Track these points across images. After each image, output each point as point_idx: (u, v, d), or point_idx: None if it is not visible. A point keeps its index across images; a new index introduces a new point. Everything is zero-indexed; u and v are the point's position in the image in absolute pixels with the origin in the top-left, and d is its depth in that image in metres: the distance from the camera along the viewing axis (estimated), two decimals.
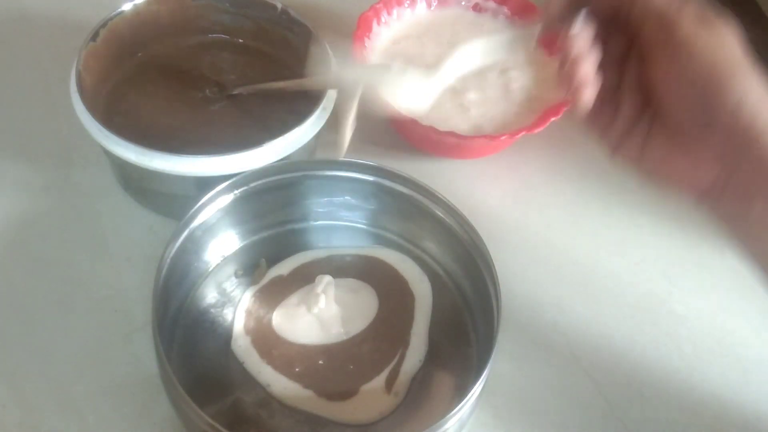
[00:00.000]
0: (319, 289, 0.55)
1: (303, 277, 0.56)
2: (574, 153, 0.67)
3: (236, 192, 0.54)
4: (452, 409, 0.45)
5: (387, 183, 0.56)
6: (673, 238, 0.64)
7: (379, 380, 0.52)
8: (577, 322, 0.58)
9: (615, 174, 0.67)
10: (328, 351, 0.53)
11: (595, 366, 0.55)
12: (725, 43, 0.43)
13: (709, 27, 0.43)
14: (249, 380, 0.51)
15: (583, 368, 0.55)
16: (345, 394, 0.51)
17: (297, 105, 0.58)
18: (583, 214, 0.64)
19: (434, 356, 0.54)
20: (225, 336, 0.53)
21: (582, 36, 0.44)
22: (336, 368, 0.52)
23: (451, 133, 0.61)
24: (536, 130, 0.61)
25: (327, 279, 0.55)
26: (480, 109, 0.65)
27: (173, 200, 0.57)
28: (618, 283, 0.60)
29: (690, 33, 0.43)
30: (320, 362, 0.53)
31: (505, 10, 0.71)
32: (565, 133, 0.65)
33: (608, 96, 0.46)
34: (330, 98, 0.58)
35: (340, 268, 0.57)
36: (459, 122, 0.63)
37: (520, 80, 0.67)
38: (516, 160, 0.66)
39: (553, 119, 0.62)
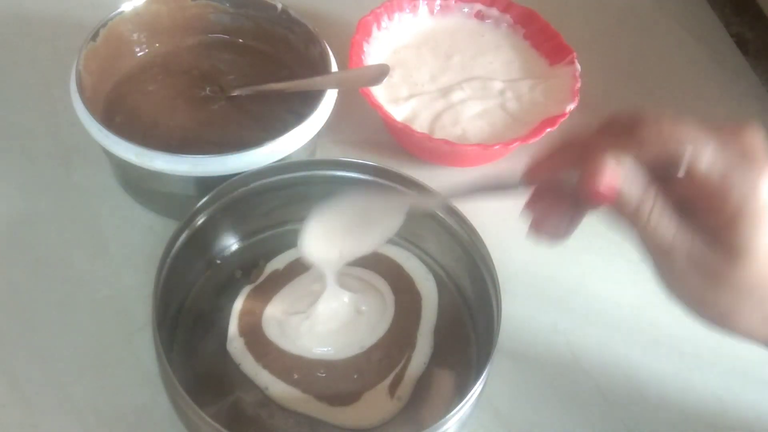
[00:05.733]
0: (322, 307, 0.53)
1: (299, 272, 0.56)
2: None
3: (236, 192, 0.54)
4: (452, 410, 0.45)
5: (387, 183, 0.56)
6: None
7: (383, 385, 0.51)
8: (577, 322, 0.58)
9: None
10: (331, 364, 0.52)
11: (595, 366, 0.55)
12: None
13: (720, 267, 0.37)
14: (248, 381, 0.51)
15: (583, 368, 0.55)
16: (347, 399, 0.51)
17: (297, 105, 0.58)
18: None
19: (436, 357, 0.54)
20: (223, 336, 0.53)
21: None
22: (338, 378, 0.52)
23: (445, 141, 0.61)
24: (531, 141, 0.61)
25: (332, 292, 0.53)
26: (476, 118, 0.65)
27: (173, 200, 0.57)
28: (618, 283, 0.60)
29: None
30: (320, 374, 0.52)
31: (508, 18, 0.71)
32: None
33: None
34: (330, 98, 0.58)
35: None
36: (455, 131, 0.63)
37: (519, 91, 0.67)
38: (514, 168, 0.66)
39: (548, 130, 0.62)
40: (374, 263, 0.57)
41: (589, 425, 0.53)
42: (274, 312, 0.54)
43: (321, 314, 0.53)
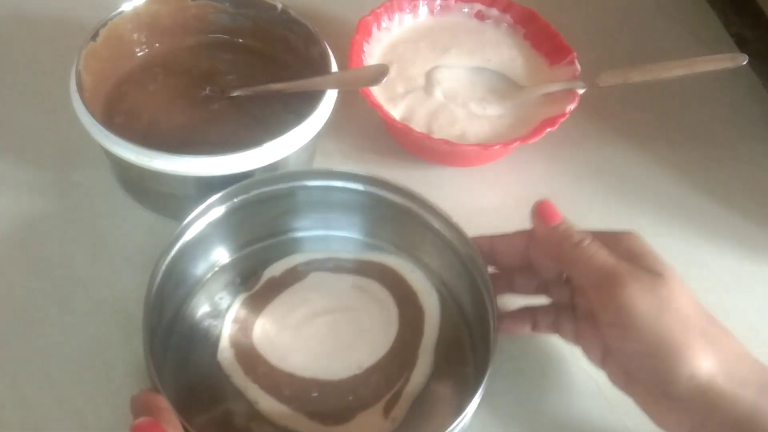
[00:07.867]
0: (317, 326, 0.52)
1: (296, 280, 0.55)
2: (573, 158, 0.67)
3: (233, 201, 0.53)
4: (448, 425, 0.44)
5: (382, 193, 0.55)
6: (672, 239, 0.63)
7: (379, 406, 0.50)
8: None
9: (614, 176, 0.67)
10: (325, 383, 0.50)
11: (595, 366, 0.55)
12: (671, 305, 0.43)
13: (653, 286, 0.43)
14: (238, 394, 0.50)
15: (583, 368, 0.55)
16: (339, 419, 0.49)
17: (297, 105, 0.58)
18: (583, 216, 0.64)
19: (434, 375, 0.52)
20: (217, 345, 0.52)
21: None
22: (332, 398, 0.50)
23: (445, 141, 0.61)
24: (531, 140, 0.61)
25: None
26: (476, 118, 0.65)
27: (173, 200, 0.57)
28: None
29: (633, 297, 0.43)
30: (313, 393, 0.50)
31: (508, 18, 0.71)
32: (563, 140, 0.65)
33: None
34: (330, 98, 0.58)
35: (340, 269, 0.56)
36: (453, 130, 0.63)
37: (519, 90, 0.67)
38: (514, 168, 0.66)
39: (548, 130, 0.61)
40: (378, 273, 0.56)
41: (589, 425, 0.53)
42: (265, 324, 0.53)
43: (315, 333, 0.52)
